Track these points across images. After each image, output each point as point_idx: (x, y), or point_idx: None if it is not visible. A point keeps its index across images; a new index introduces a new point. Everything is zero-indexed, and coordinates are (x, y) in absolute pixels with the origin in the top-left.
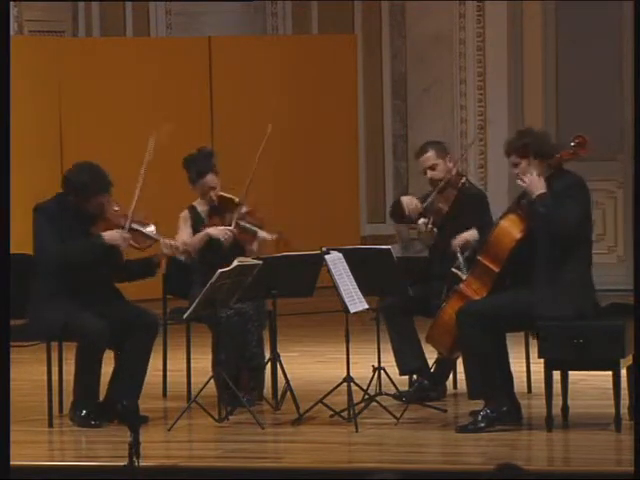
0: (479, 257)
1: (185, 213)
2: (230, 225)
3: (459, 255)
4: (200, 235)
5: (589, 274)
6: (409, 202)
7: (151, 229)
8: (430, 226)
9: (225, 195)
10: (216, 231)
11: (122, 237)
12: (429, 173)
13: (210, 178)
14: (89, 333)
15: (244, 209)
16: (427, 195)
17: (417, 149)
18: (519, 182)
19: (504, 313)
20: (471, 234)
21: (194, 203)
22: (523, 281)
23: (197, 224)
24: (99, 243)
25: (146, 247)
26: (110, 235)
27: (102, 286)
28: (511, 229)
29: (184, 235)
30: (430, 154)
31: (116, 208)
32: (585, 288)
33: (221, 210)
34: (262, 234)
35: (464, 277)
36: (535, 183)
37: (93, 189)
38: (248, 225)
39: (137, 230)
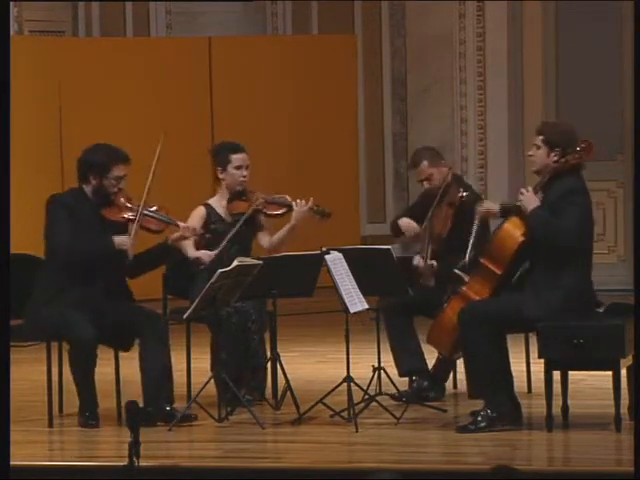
0: (482, 259)
1: (201, 211)
2: (256, 202)
3: (475, 223)
4: (192, 253)
5: (588, 277)
6: (407, 227)
7: (164, 215)
8: (430, 262)
9: (248, 187)
10: (194, 253)
11: (132, 244)
12: (425, 184)
13: (244, 156)
14: (77, 338)
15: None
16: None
17: (411, 159)
18: (520, 197)
19: (506, 314)
20: (493, 205)
21: (209, 201)
22: (524, 283)
23: (214, 222)
24: (108, 245)
25: (159, 232)
26: (120, 240)
27: (113, 285)
28: (514, 231)
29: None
30: (424, 166)
31: (125, 199)
32: (582, 292)
33: (244, 194)
34: (298, 202)
35: (466, 279)
36: (529, 199)
37: (112, 160)
38: (278, 197)
39: (151, 216)
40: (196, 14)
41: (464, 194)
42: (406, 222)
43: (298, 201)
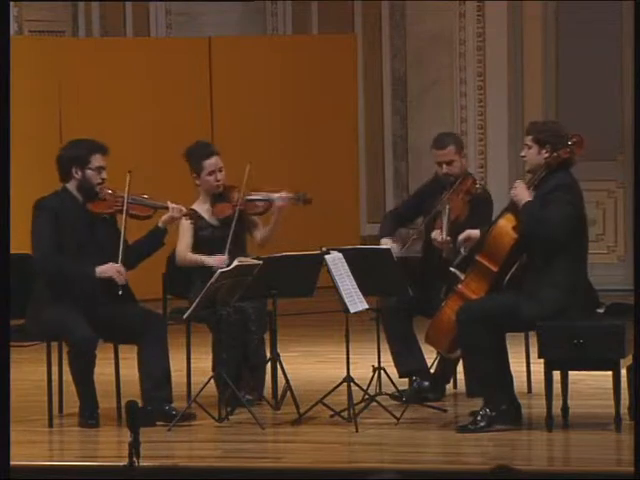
0: (477, 257)
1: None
2: (238, 204)
3: (462, 250)
4: (194, 258)
5: (584, 274)
6: (393, 248)
7: (152, 200)
8: (447, 238)
9: (227, 185)
10: (212, 260)
11: (116, 270)
12: (445, 168)
13: (215, 160)
14: (76, 339)
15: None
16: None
17: (436, 140)
18: (512, 190)
19: (503, 313)
20: (475, 233)
21: (193, 206)
22: (520, 281)
23: (202, 228)
24: (91, 275)
25: (147, 217)
26: (102, 269)
27: (113, 286)
28: (509, 228)
29: (183, 245)
30: (450, 149)
31: (109, 191)
32: (579, 290)
33: (225, 195)
34: (278, 195)
35: (462, 277)
36: (521, 193)
37: (91, 150)
38: (260, 196)
39: (138, 203)
40: (196, 14)
41: (479, 186)
42: (390, 244)
43: (277, 195)
